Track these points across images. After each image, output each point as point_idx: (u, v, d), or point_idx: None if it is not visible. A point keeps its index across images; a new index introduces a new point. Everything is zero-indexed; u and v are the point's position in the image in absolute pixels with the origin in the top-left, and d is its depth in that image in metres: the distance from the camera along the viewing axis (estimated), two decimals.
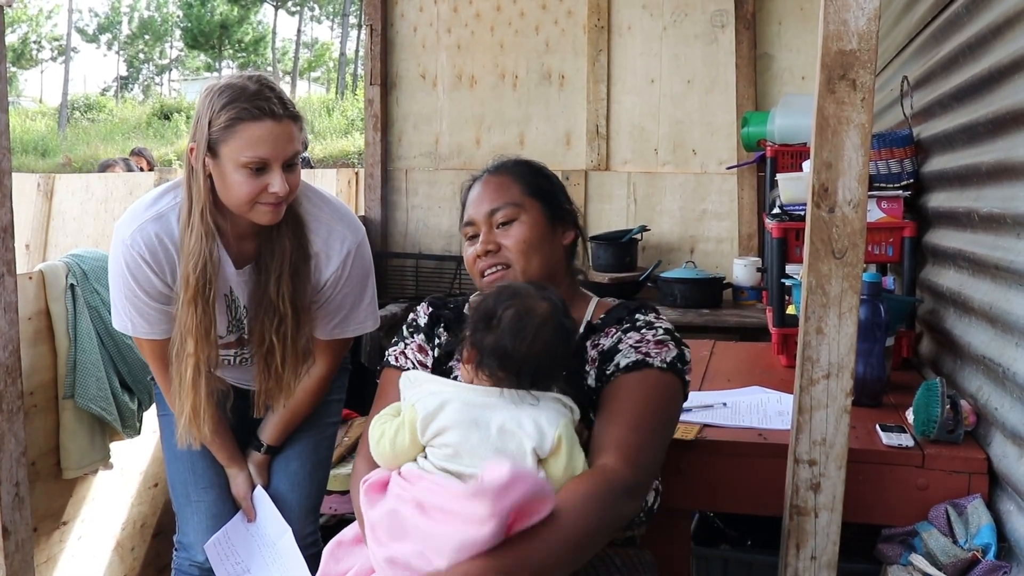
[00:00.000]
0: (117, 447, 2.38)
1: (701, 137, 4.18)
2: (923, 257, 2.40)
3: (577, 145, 4.31)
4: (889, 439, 1.75)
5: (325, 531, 2.04)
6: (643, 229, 4.08)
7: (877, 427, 1.81)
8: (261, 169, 1.68)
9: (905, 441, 1.74)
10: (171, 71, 40.16)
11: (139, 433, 2.41)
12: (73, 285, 2.25)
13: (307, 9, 37.13)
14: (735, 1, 4.06)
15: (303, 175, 1.82)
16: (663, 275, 3.86)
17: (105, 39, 38.36)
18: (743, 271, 3.86)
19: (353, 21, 31.80)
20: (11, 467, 1.81)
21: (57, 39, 36.35)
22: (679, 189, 4.20)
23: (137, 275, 1.77)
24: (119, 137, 21.79)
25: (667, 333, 1.54)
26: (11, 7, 1.77)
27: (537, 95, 4.34)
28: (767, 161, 3.36)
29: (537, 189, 1.60)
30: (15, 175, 1.89)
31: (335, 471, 2.81)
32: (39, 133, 23.34)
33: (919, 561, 1.56)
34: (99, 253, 2.36)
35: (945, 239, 2.17)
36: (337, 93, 29.02)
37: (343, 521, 2.85)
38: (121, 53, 38.72)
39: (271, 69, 34.15)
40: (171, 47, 38.97)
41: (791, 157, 3.29)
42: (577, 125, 4.31)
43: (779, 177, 2.60)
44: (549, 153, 4.28)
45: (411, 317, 1.70)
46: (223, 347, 1.89)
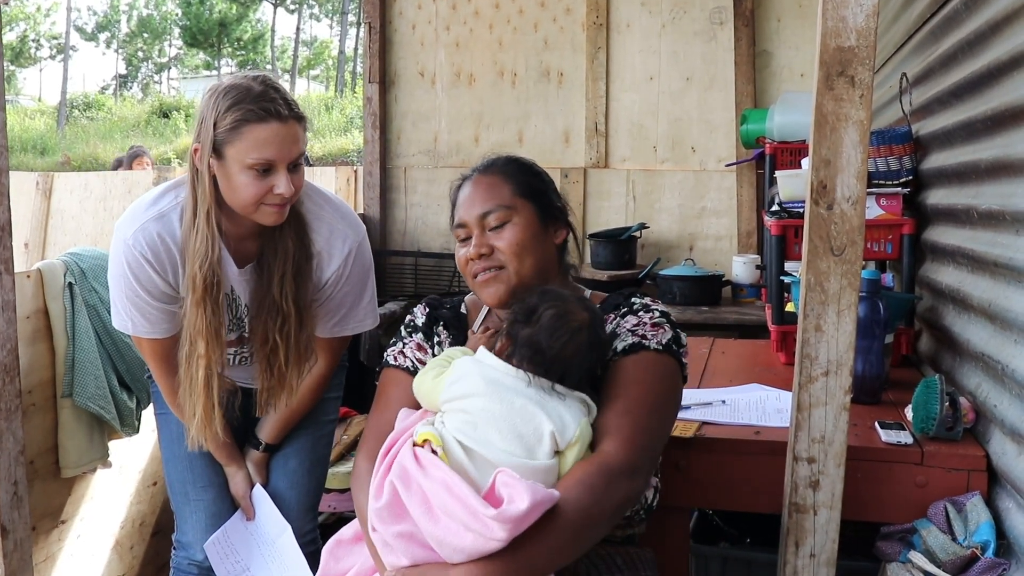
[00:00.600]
0: (116, 446, 2.38)
1: (700, 134, 4.18)
2: (922, 254, 2.40)
3: (576, 143, 4.31)
4: (888, 436, 1.75)
5: (324, 529, 2.04)
6: (642, 227, 4.08)
7: (876, 424, 1.81)
8: (267, 170, 1.68)
9: (904, 438, 1.74)
10: (170, 69, 40.12)
11: (138, 432, 2.41)
12: (71, 284, 2.24)
13: (306, 7, 37.11)
14: None
15: None
16: (662, 272, 3.86)
17: (104, 37, 38.31)
18: (742, 268, 3.86)
19: (352, 19, 31.79)
20: (9, 466, 1.81)
21: (56, 37, 36.29)
22: (678, 186, 4.20)
23: (139, 274, 1.77)
24: (118, 135, 21.76)
25: (663, 316, 1.55)
26: (9, 5, 1.77)
27: (536, 93, 4.34)
28: (766, 158, 3.37)
29: (528, 189, 1.59)
30: (13, 173, 1.89)
31: (334, 469, 2.81)
32: (38, 131, 23.31)
33: (918, 558, 1.56)
34: (97, 252, 2.36)
35: (944, 236, 2.16)
36: (336, 91, 29.01)
37: (342, 519, 2.84)
38: (120, 51, 38.68)
39: (270, 67, 34.12)
40: (170, 45, 38.93)
41: (790, 154, 3.29)
42: (576, 123, 4.30)
43: (778, 174, 2.60)
44: (548, 151, 4.28)
45: (408, 318, 1.70)
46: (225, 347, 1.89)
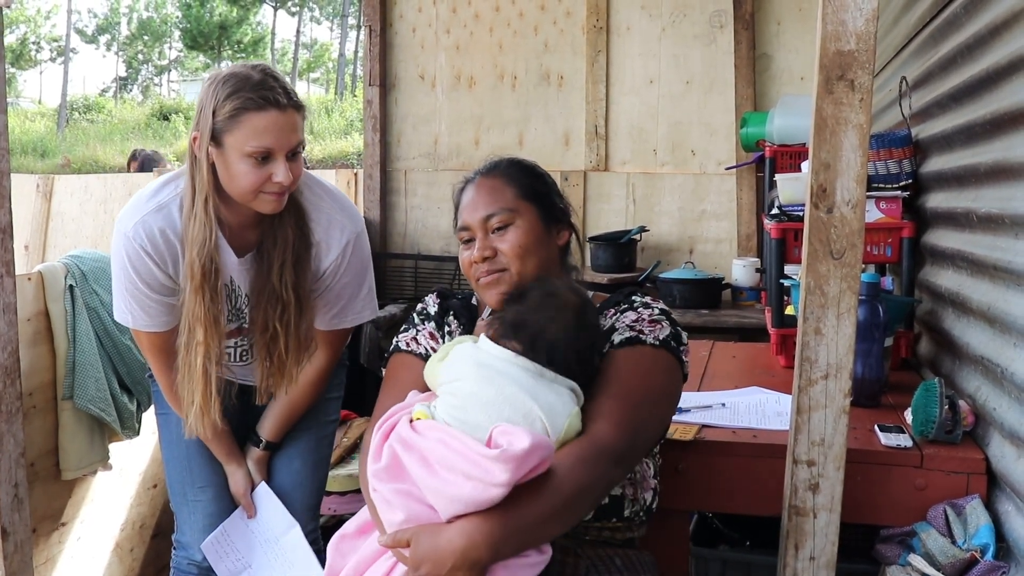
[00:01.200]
0: (116, 448, 2.38)
1: (700, 138, 4.18)
2: (922, 257, 2.40)
3: (576, 146, 4.32)
4: (888, 439, 1.75)
5: (323, 531, 2.04)
6: (642, 230, 4.09)
7: (876, 427, 1.82)
8: (266, 158, 1.69)
9: (903, 441, 1.74)
10: (170, 72, 40.13)
11: (138, 434, 2.41)
12: (72, 286, 2.25)
13: (306, 10, 37.14)
14: (734, 1, 4.06)
15: None
16: (662, 276, 3.86)
17: (104, 40, 38.33)
18: (742, 272, 3.86)
19: (352, 22, 31.78)
20: (10, 468, 1.81)
21: (56, 40, 36.31)
22: (678, 190, 4.20)
23: (139, 267, 1.78)
24: (118, 138, 21.77)
25: (662, 314, 1.56)
26: (10, 8, 1.77)
27: (536, 96, 4.34)
28: (766, 161, 3.37)
29: (531, 191, 1.60)
30: (14, 176, 1.89)
31: (334, 472, 2.80)
32: (38, 134, 23.30)
33: (917, 561, 1.56)
34: (98, 254, 2.36)
35: (943, 239, 2.17)
36: (336, 94, 29.00)
37: (341, 522, 2.83)
38: (120, 54, 38.70)
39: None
40: (170, 48, 38.94)
41: (790, 157, 3.29)
42: (576, 126, 4.31)
43: (778, 177, 2.60)
44: (548, 154, 4.28)
45: (420, 307, 1.71)
46: (225, 336, 1.90)
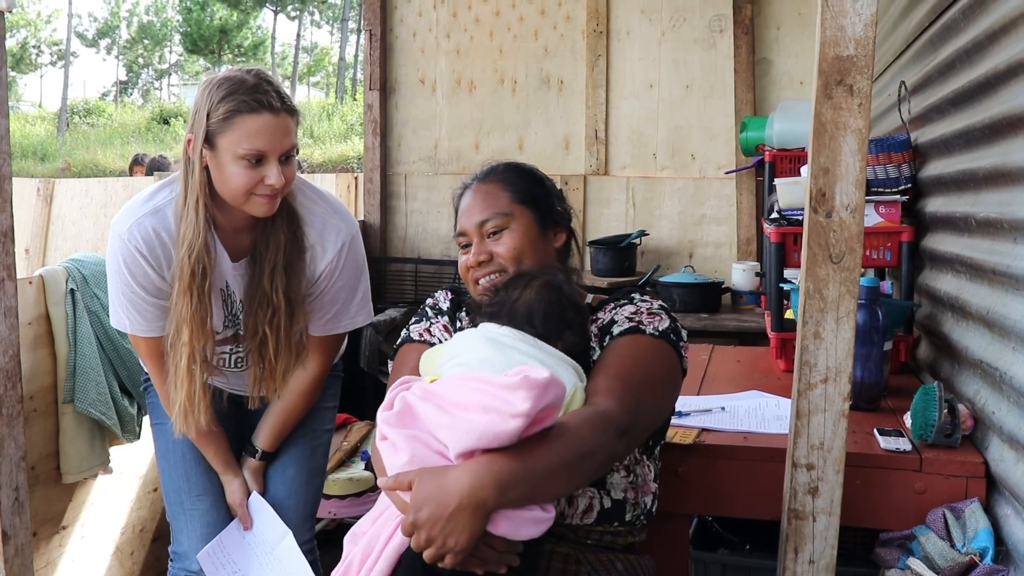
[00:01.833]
0: (116, 451, 2.38)
1: (700, 142, 4.19)
2: (921, 261, 2.41)
3: (576, 150, 4.32)
4: (887, 443, 1.75)
5: (324, 536, 2.04)
6: (642, 234, 4.09)
7: (875, 431, 1.82)
8: (258, 161, 1.70)
9: (903, 445, 1.74)
10: (170, 76, 40.19)
11: (138, 438, 2.41)
12: (73, 290, 2.25)
13: (307, 14, 37.18)
14: (733, 6, 4.07)
15: None
16: (662, 279, 3.86)
17: (104, 44, 38.40)
18: (742, 276, 3.86)
19: (352, 26, 31.84)
20: (11, 471, 1.82)
21: (56, 44, 36.36)
22: (678, 194, 4.21)
23: (134, 270, 1.78)
24: (118, 142, 21.79)
25: (661, 308, 1.57)
26: (11, 12, 1.78)
27: (536, 100, 4.35)
28: (765, 166, 3.37)
29: (527, 195, 1.61)
30: (15, 180, 1.90)
31: (335, 476, 2.81)
32: (39, 138, 23.34)
33: (917, 565, 1.56)
34: (99, 258, 2.36)
35: (943, 244, 2.17)
36: (336, 98, 29.04)
37: (342, 526, 2.84)
38: (120, 58, 38.75)
39: (270, 73, 34.11)
40: (170, 52, 38.98)
41: (789, 162, 3.30)
42: (576, 130, 4.31)
43: (777, 182, 2.61)
44: (548, 158, 4.29)
45: (431, 301, 1.72)
46: (219, 343, 1.90)
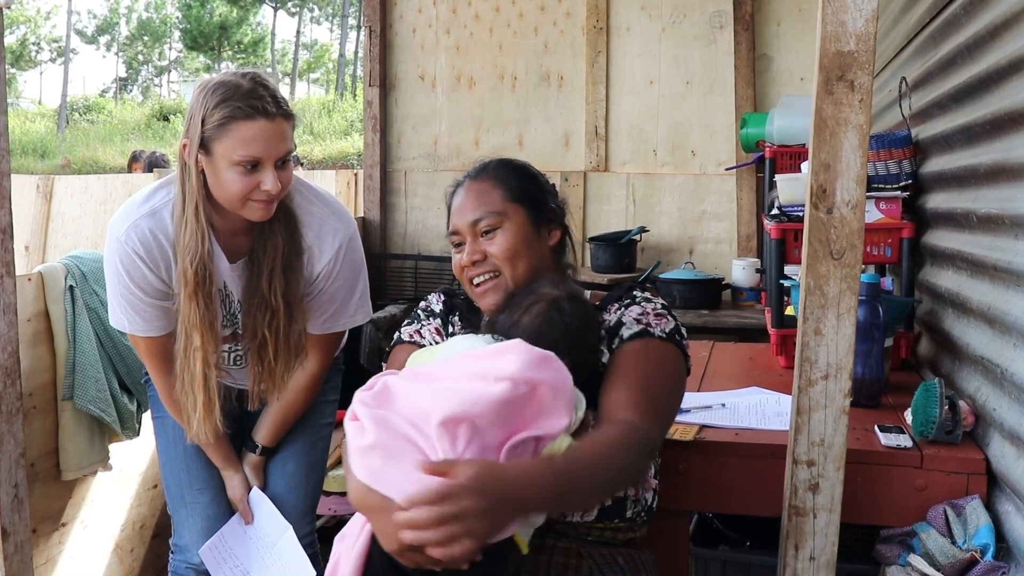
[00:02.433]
0: (116, 448, 2.38)
1: (700, 138, 4.19)
2: (921, 258, 2.40)
3: (576, 146, 4.32)
4: (888, 440, 1.75)
5: (324, 532, 2.04)
6: (642, 230, 4.09)
7: (876, 428, 1.82)
8: (254, 167, 1.69)
9: (903, 442, 1.74)
10: (170, 72, 40.17)
11: (138, 434, 2.41)
12: (72, 287, 2.25)
13: (306, 10, 37.15)
14: (734, 2, 4.07)
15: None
16: (662, 276, 3.86)
17: (104, 40, 38.37)
18: (742, 272, 3.86)
19: (352, 22, 31.81)
20: (10, 468, 1.81)
21: (56, 40, 36.35)
22: (678, 190, 4.20)
23: (132, 271, 1.78)
24: (118, 138, 21.78)
25: (664, 308, 1.59)
26: (10, 8, 1.78)
27: (536, 96, 4.35)
28: (766, 162, 3.37)
29: (519, 193, 1.60)
30: (14, 176, 1.90)
31: (334, 472, 2.80)
32: (38, 134, 23.32)
33: (917, 562, 1.56)
34: (98, 255, 2.36)
35: (943, 240, 2.17)
36: (336, 94, 29.02)
37: (342, 522, 2.83)
38: (120, 55, 38.73)
39: (270, 70, 34.10)
40: (170, 48, 38.96)
41: (790, 158, 3.29)
42: (576, 126, 4.31)
43: (778, 178, 2.61)
44: (548, 154, 4.29)
45: (424, 304, 1.72)
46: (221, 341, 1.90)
